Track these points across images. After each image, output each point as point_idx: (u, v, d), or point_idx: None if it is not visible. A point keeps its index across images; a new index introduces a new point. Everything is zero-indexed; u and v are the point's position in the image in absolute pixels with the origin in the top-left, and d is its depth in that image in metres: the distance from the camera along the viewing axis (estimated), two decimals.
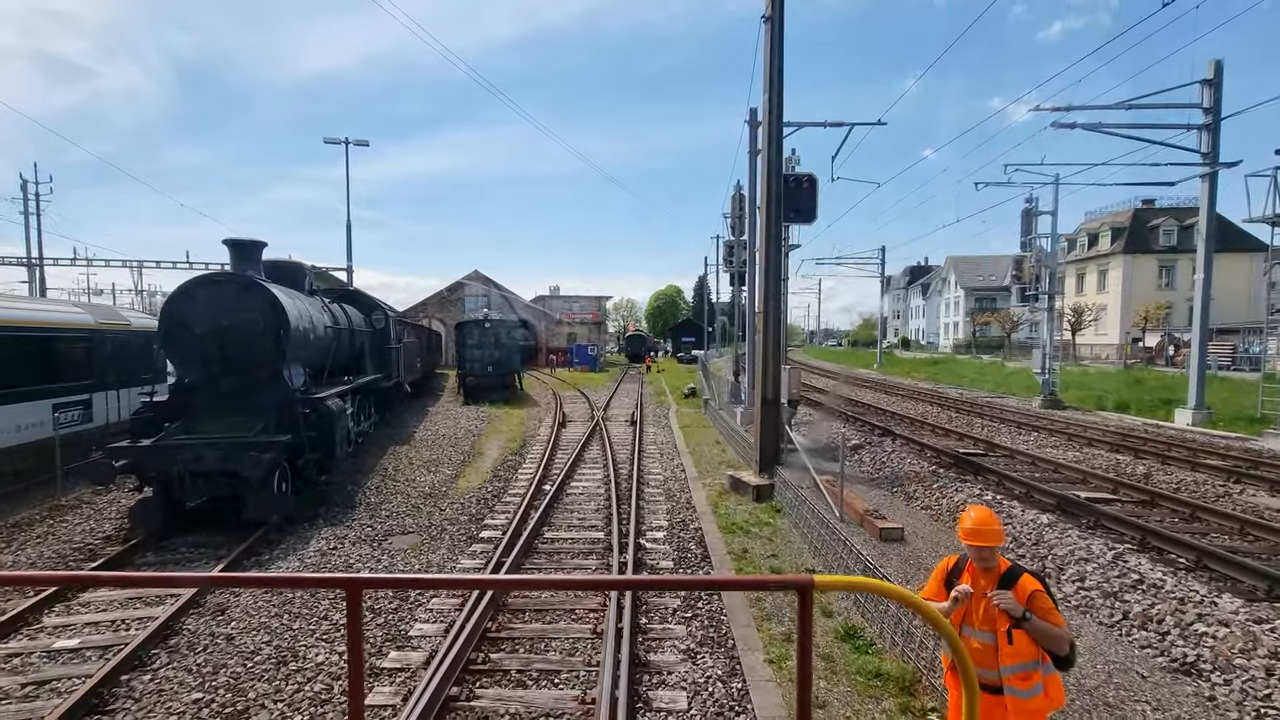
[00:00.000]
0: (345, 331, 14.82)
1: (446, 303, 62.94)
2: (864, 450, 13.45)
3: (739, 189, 21.56)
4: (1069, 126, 15.81)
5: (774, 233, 11.46)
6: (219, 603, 6.96)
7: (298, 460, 10.30)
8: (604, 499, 11.60)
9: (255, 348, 10.18)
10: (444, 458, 15.31)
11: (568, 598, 7.08)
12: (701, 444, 17.18)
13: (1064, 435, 15.33)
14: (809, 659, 2.04)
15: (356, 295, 18.93)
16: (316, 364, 12.78)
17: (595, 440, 17.98)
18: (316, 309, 12.83)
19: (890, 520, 7.47)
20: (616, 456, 15.58)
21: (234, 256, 11.05)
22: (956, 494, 9.82)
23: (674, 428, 20.62)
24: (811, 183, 12.76)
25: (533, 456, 15.72)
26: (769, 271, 11.49)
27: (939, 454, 12.81)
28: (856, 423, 17.66)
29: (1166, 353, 40.87)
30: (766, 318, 11.56)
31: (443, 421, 21.61)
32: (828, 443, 14.08)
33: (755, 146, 16.44)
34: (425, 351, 32.82)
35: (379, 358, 18.80)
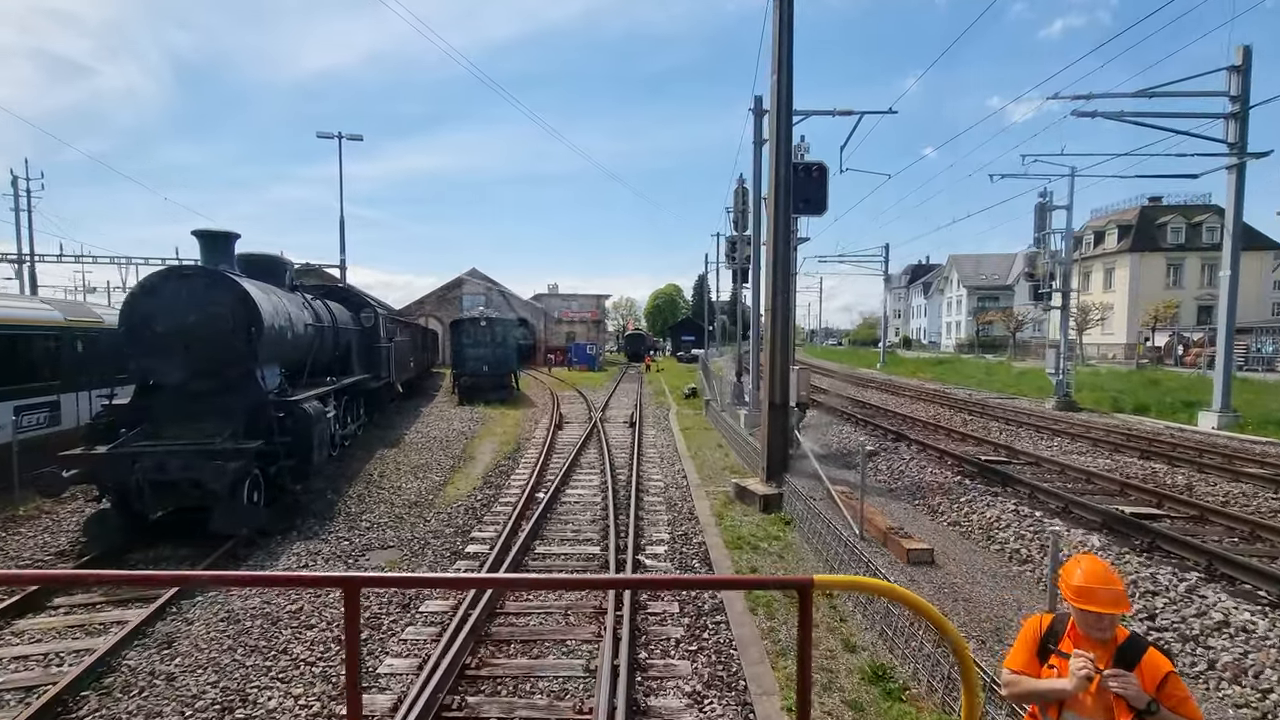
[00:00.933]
0: (329, 330, 14.07)
1: (444, 301, 62.18)
2: (879, 457, 12.62)
3: (741, 182, 20.81)
4: (1089, 115, 15.08)
5: (782, 224, 10.72)
6: (168, 632, 6.22)
7: (271, 468, 9.57)
8: (601, 508, 10.86)
9: (224, 346, 9.43)
10: (433, 462, 14.56)
11: (558, 626, 6.34)
12: (703, 447, 16.44)
13: (1087, 440, 14.54)
14: (809, 661, 2.05)
15: (344, 292, 18.18)
16: (295, 364, 12.03)
17: (593, 443, 17.24)
18: (296, 306, 12.08)
19: (917, 539, 6.70)
20: (614, 461, 14.85)
21: (204, 249, 10.29)
22: (988, 509, 8.98)
23: (674, 430, 19.89)
24: (821, 171, 12.01)
25: (527, 461, 14.98)
26: (776, 266, 10.74)
27: (960, 461, 12.01)
28: (867, 426, 16.87)
29: (1175, 352, 40.15)
30: (774, 315, 10.82)
31: (435, 423, 20.86)
32: (839, 448, 13.33)
33: (760, 135, 15.68)
34: (420, 350, 32.09)
35: (368, 357, 18.05)
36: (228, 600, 6.87)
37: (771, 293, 10.85)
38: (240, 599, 6.89)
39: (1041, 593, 5.96)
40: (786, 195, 10.72)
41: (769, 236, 11.08)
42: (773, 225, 10.86)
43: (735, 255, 21.04)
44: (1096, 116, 15.07)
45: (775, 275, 10.79)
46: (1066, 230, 20.17)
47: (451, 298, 62.75)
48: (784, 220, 10.76)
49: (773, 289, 10.83)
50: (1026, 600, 5.59)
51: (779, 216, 10.74)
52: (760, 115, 15.64)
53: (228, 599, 6.91)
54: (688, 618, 6.41)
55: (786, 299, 10.89)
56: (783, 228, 10.76)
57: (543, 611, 6.66)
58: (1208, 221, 48.33)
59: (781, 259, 10.79)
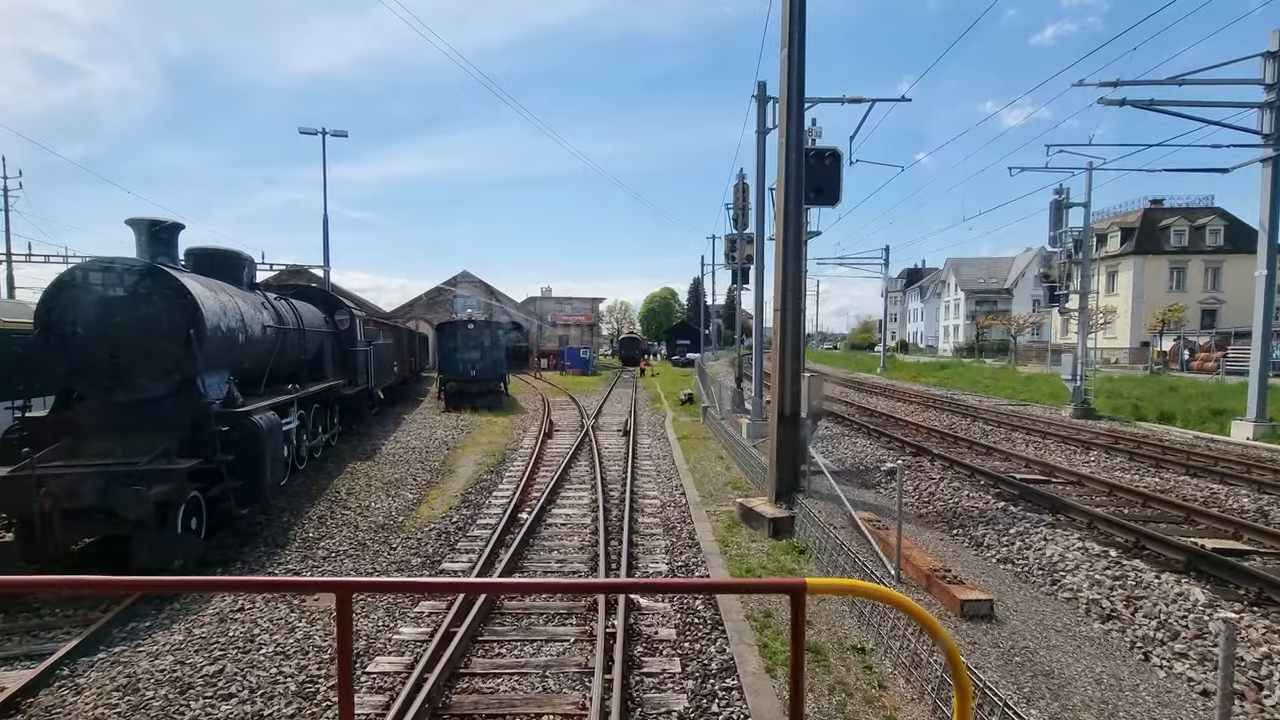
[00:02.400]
0: (294, 333, 12.87)
1: (435, 304, 60.95)
2: (905, 477, 11.33)
3: (742, 178, 19.72)
4: (1117, 104, 14.07)
5: (792, 215, 9.59)
6: (48, 705, 5.02)
7: (212, 490, 8.37)
8: (590, 533, 9.70)
9: (158, 351, 8.23)
10: (409, 477, 13.35)
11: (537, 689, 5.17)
12: (703, 459, 15.29)
13: (1122, 453, 13.29)
14: (802, 662, 2.04)
15: (316, 293, 16.97)
16: (251, 370, 10.84)
17: (584, 454, 16.08)
18: (252, 306, 10.88)
19: (970, 586, 5.48)
20: (607, 474, 13.69)
21: (140, 240, 9.09)
22: (1045, 545, 7.52)
23: (671, 439, 18.74)
24: (835, 158, 10.91)
25: (511, 475, 13.80)
26: (786, 262, 9.61)
27: (994, 481, 10.73)
28: (880, 438, 15.65)
29: (1182, 357, 39.21)
30: (783, 316, 9.68)
31: (417, 432, 19.65)
32: (853, 463, 12.17)
33: (764, 124, 14.60)
34: (407, 355, 30.85)
35: (342, 362, 16.85)
36: (134, 659, 5.67)
37: (780, 291, 9.72)
38: (149, 657, 5.69)
39: (1141, 664, 4.79)
40: (798, 183, 9.60)
41: (777, 229, 9.95)
42: (781, 217, 9.74)
43: (735, 254, 19.93)
44: (1125, 104, 14.06)
45: (785, 272, 9.66)
46: (1084, 228, 19.16)
47: (442, 301, 61.51)
48: (794, 211, 9.63)
49: (782, 287, 9.69)
50: (1128, 676, 4.35)
51: (789, 207, 9.61)
52: (764, 102, 14.56)
53: (134, 657, 5.71)
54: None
55: (797, 298, 9.76)
56: (793, 219, 9.64)
57: (517, 673, 5.49)
58: (1211, 224, 47.60)
59: (792, 254, 9.66)
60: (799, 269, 9.73)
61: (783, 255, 9.68)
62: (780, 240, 9.78)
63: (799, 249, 9.71)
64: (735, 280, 20.27)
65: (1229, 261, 46.75)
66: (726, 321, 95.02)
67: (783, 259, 9.68)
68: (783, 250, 9.68)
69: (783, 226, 9.68)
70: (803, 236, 9.70)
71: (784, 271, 9.68)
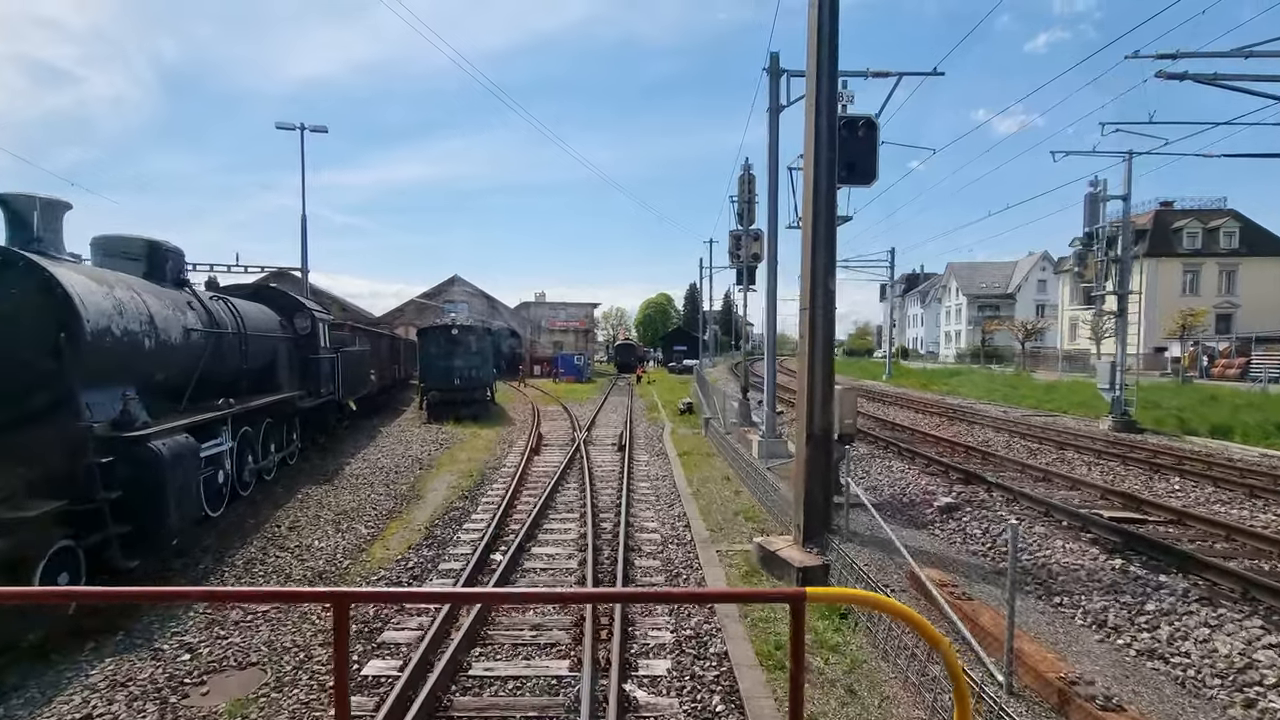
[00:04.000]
0: (232, 337, 11.05)
1: (425, 309, 59.06)
2: (965, 515, 9.15)
3: (747, 168, 18.00)
4: (1177, 78, 12.43)
5: (823, 194, 7.82)
6: None
7: (91, 537, 6.54)
8: (576, 581, 7.90)
9: (16, 360, 6.40)
10: (368, 504, 11.51)
11: None
12: (707, 480, 13.50)
13: (1203, 478, 11.37)
14: (802, 669, 2.05)
15: (269, 293, 15.14)
16: (168, 382, 9.01)
17: (574, 474, 14.27)
18: (170, 304, 9.06)
19: (1134, 714, 3.60)
20: (599, 501, 11.90)
21: (8, 222, 7.25)
22: (1211, 634, 5.34)
23: (670, 455, 16.94)
24: (870, 128, 9.17)
25: (489, 501, 11.99)
26: (816, 251, 7.84)
27: (1080, 521, 8.63)
28: (913, 458, 13.56)
29: (1200, 363, 37.61)
30: (812, 316, 7.91)
31: (390, 448, 17.80)
32: (894, 494, 10.35)
33: (777, 100, 12.87)
34: (387, 362, 28.98)
35: (302, 370, 15.02)
36: None
37: (809, 286, 7.95)
38: None
39: None
40: (830, 156, 7.86)
41: (805, 213, 8.19)
42: (810, 198, 7.98)
43: (740, 252, 18.16)
44: (1186, 79, 12.42)
45: (814, 263, 7.90)
46: (1124, 223, 17.49)
47: (433, 306, 59.65)
48: (826, 189, 7.88)
49: (810, 282, 7.92)
50: None
51: (819, 185, 7.86)
52: (777, 75, 12.84)
53: None
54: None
55: (829, 295, 7.99)
56: (824, 200, 7.88)
57: None
58: (1225, 226, 46.17)
59: (822, 241, 7.90)
60: (831, 259, 7.96)
61: (811, 243, 7.91)
62: (808, 226, 8.01)
63: (831, 235, 7.95)
64: (740, 280, 18.50)
65: (1244, 264, 45.31)
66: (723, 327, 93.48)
67: (811, 247, 7.91)
68: (811, 237, 7.92)
69: (811, 210, 7.92)
70: (835, 220, 7.94)
71: (813, 262, 7.91)
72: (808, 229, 8.00)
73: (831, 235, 7.95)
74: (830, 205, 7.93)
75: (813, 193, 7.90)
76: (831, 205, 7.94)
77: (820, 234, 7.88)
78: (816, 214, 7.89)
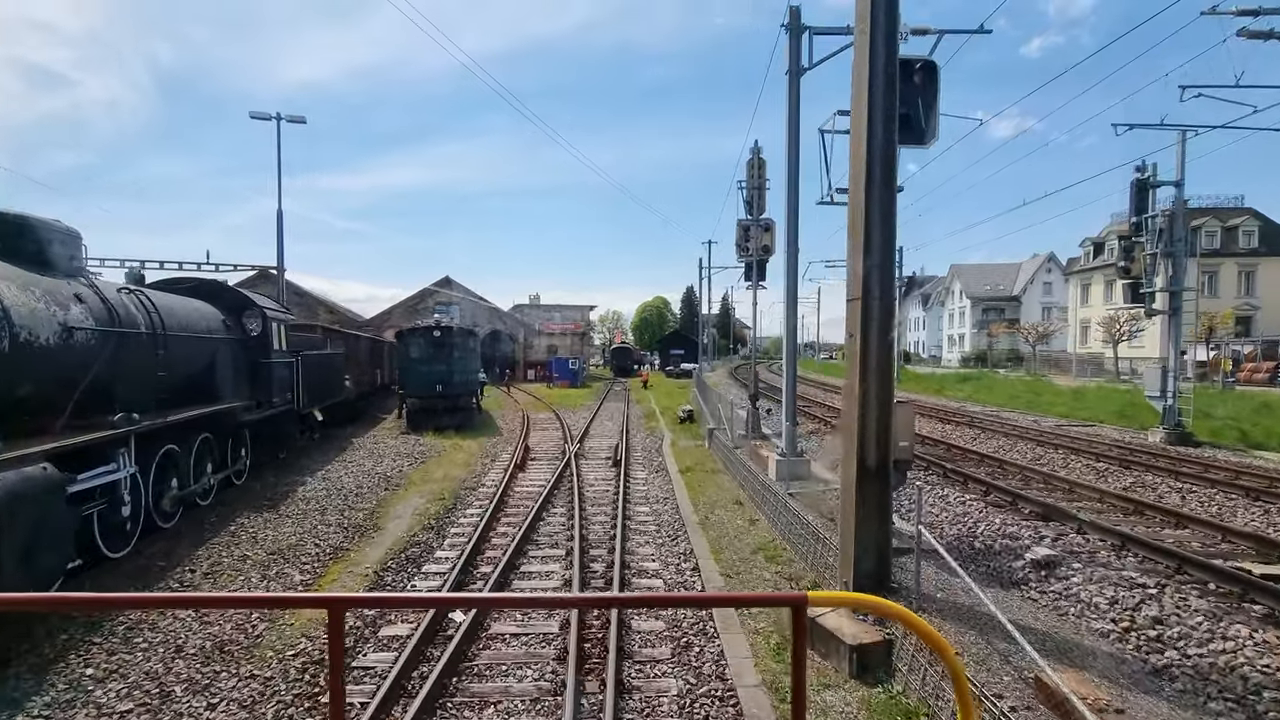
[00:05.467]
0: (142, 338, 9.13)
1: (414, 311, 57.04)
2: (1071, 572, 7.00)
3: (757, 151, 16.16)
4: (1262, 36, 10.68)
5: (881, 148, 5.97)
6: None
7: None
8: (559, 650, 6.01)
9: None
10: (311, 539, 9.59)
11: None
12: (716, 505, 11.63)
13: None
14: (804, 675, 2.00)
15: (211, 287, 13.22)
16: (38, 394, 7.09)
17: (562, 495, 12.42)
18: (41, 297, 7.14)
19: None
20: (589, 532, 10.04)
21: None
22: None
23: (671, 472, 15.08)
24: (929, 75, 7.30)
25: (458, 533, 10.10)
26: (871, 226, 5.99)
27: (1238, 585, 6.60)
28: (965, 483, 11.22)
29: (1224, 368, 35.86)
30: (866, 309, 6.05)
31: (359, 462, 15.89)
32: (959, 534, 8.44)
33: (798, 62, 11.02)
34: (366, 367, 27.07)
35: (251, 376, 13.10)
36: None
37: (861, 271, 6.09)
38: None
39: None
40: (889, 101, 6.01)
41: (854, 178, 6.34)
42: (861, 157, 6.13)
43: (748, 244, 16.30)
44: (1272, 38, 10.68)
45: (868, 242, 6.04)
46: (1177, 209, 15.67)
47: (422, 308, 57.65)
48: (883, 144, 6.03)
49: (863, 265, 6.06)
50: None
51: (875, 137, 6.02)
52: (797, 33, 11.00)
53: None
54: None
55: (886, 280, 6.13)
56: (880, 158, 6.03)
57: None
58: (1244, 225, 44.57)
59: (878, 212, 6.04)
60: (890, 233, 6.10)
61: (865, 215, 6.05)
62: (858, 194, 6.16)
63: (890, 204, 6.09)
64: (749, 276, 16.63)
65: (1264, 264, 43.69)
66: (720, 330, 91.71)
67: (865, 220, 6.05)
68: (864, 207, 6.06)
69: (865, 173, 6.06)
70: (894, 184, 6.09)
71: (866, 238, 6.04)
72: (857, 197, 6.15)
73: (890, 204, 6.10)
74: (888, 165, 6.07)
75: (865, 151, 6.04)
76: (890, 165, 6.08)
77: (876, 202, 6.02)
78: (870, 178, 6.03)
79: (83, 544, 7.61)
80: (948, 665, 2.09)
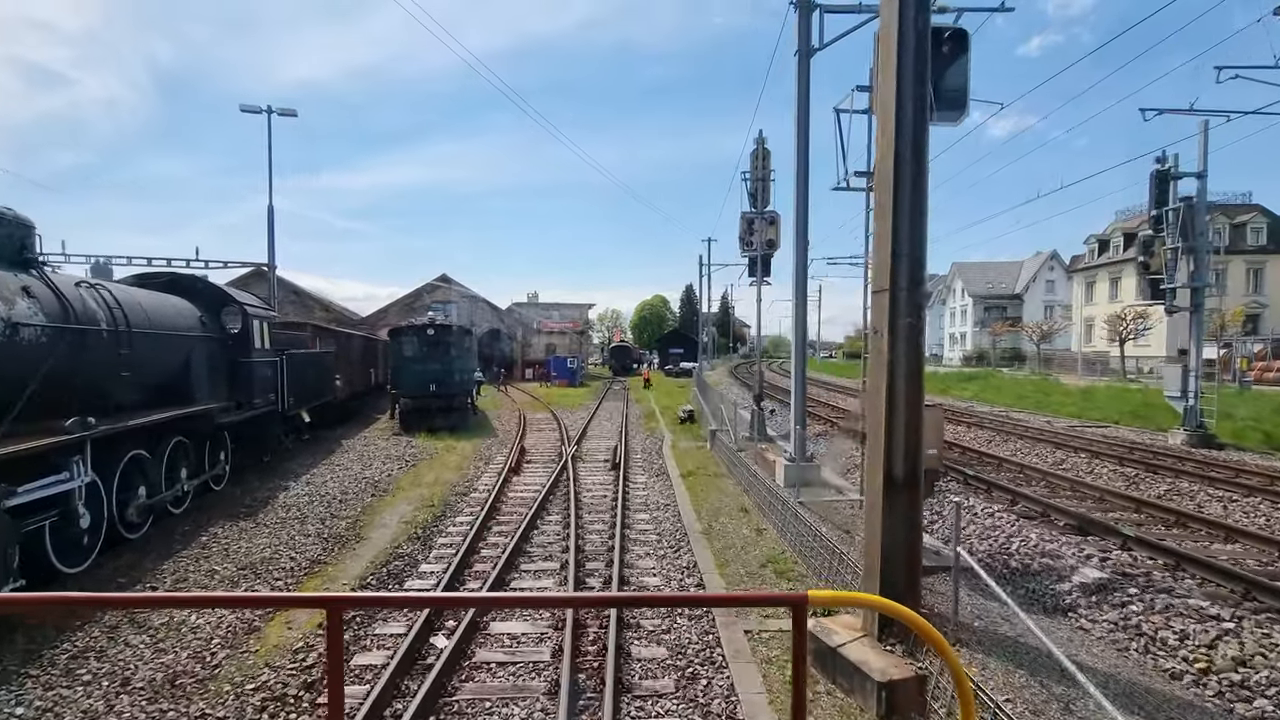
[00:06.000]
0: (103, 335, 8.48)
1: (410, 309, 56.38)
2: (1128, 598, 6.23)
3: (761, 140, 15.55)
4: None
5: (911, 123, 5.32)
6: None
7: None
8: (549, 683, 5.38)
9: None
10: (288, 551, 8.95)
11: None
12: (720, 512, 10.99)
13: None
14: (804, 676, 2.00)
15: (185, 282, 12.56)
16: None
17: (558, 501, 11.79)
18: None
19: None
20: (585, 542, 9.43)
21: None
22: None
23: (672, 475, 14.44)
24: (958, 45, 6.68)
25: (446, 543, 9.47)
26: (900, 206, 5.35)
27: None
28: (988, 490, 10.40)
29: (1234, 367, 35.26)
30: (894, 300, 5.41)
31: (347, 466, 15.24)
32: (991, 549, 7.76)
33: (808, 41, 10.37)
34: (359, 366, 26.42)
35: (230, 376, 12.45)
36: None
37: (889, 259, 5.45)
38: None
39: None
40: (919, 72, 5.36)
41: (880, 156, 5.71)
42: (889, 133, 5.50)
43: (752, 238, 15.70)
44: None
45: (896, 224, 5.41)
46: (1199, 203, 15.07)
47: (418, 306, 56.96)
48: (913, 118, 5.40)
49: (891, 251, 5.42)
50: None
51: (905, 112, 5.38)
52: (807, 10, 10.35)
53: None
54: None
55: (916, 269, 5.48)
56: (910, 132, 5.40)
57: None
58: (1252, 222, 43.98)
59: (909, 191, 5.40)
60: (921, 218, 5.45)
61: (894, 196, 5.41)
62: (887, 174, 5.52)
63: (920, 183, 5.45)
64: (753, 271, 16.03)
65: (1272, 262, 43.10)
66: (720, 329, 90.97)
67: (894, 202, 5.40)
68: (893, 187, 5.41)
69: (894, 150, 5.42)
70: (925, 162, 5.44)
71: (895, 226, 5.40)
72: (885, 178, 5.50)
73: (921, 184, 5.45)
74: (919, 141, 5.43)
75: (894, 125, 5.40)
76: (921, 140, 5.44)
77: (906, 182, 5.38)
78: (900, 156, 5.39)
79: (34, 559, 6.99)
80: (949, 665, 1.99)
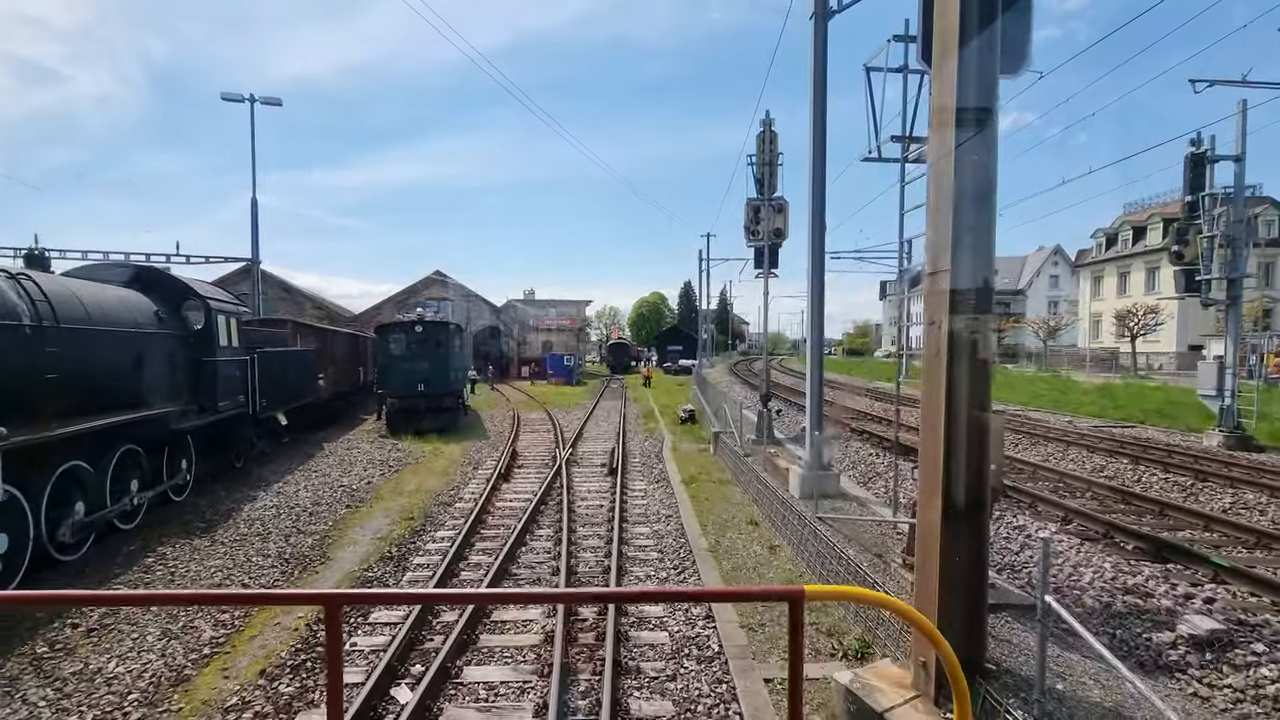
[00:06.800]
0: (23, 332, 7.43)
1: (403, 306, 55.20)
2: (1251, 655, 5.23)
3: (768, 121, 14.51)
4: None
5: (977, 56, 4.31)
6: None
7: None
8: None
9: None
10: (242, 574, 7.91)
11: None
12: (727, 526, 9.97)
13: None
14: (800, 670, 1.97)
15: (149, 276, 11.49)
16: None
17: (549, 513, 10.79)
18: None
19: None
20: (579, 563, 8.43)
21: None
22: None
23: (674, 482, 13.42)
24: None
25: (424, 562, 8.45)
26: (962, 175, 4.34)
27: None
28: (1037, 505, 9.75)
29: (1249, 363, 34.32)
30: (955, 294, 4.39)
31: (324, 472, 14.21)
32: (1054, 583, 6.78)
33: (825, 4, 9.32)
34: (345, 365, 25.35)
35: (193, 377, 11.41)
36: None
37: (949, 239, 4.42)
38: None
39: None
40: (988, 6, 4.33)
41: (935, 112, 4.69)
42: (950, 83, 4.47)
43: (758, 227, 14.67)
44: None
45: (959, 192, 4.38)
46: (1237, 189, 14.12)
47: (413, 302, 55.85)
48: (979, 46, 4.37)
49: (953, 227, 4.40)
50: None
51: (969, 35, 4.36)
52: None
53: None
54: None
55: (984, 248, 4.46)
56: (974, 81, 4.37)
57: None
58: (1263, 214, 42.95)
59: (972, 150, 4.38)
60: (988, 185, 4.44)
61: (954, 161, 4.38)
62: (943, 134, 4.50)
63: (991, 141, 4.42)
64: (759, 263, 15.00)
65: None
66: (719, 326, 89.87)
67: (954, 169, 4.38)
68: (953, 150, 4.38)
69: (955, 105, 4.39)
70: (995, 116, 4.41)
71: (957, 195, 4.38)
72: (943, 139, 4.47)
73: (990, 146, 4.42)
74: (986, 88, 4.40)
75: (956, 71, 4.36)
76: (989, 88, 4.42)
77: (969, 144, 4.34)
78: (962, 115, 4.36)
79: None
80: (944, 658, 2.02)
